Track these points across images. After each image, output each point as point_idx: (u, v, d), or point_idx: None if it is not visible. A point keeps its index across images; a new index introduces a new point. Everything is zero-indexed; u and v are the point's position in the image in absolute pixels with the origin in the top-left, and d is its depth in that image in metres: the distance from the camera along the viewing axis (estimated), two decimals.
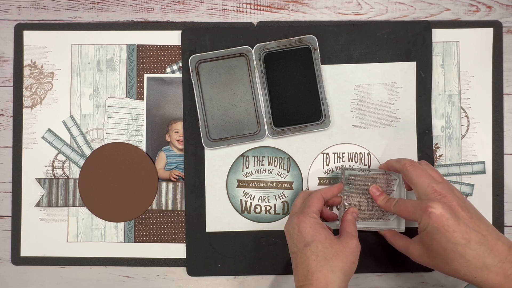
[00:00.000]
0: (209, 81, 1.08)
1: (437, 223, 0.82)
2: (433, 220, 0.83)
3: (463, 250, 0.80)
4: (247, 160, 1.09)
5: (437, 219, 0.82)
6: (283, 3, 1.12)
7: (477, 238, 0.81)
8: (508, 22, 1.11)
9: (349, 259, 0.91)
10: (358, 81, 1.09)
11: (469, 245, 0.80)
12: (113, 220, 1.11)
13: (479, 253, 0.79)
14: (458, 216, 0.83)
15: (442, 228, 0.82)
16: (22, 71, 1.11)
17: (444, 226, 0.82)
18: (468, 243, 0.80)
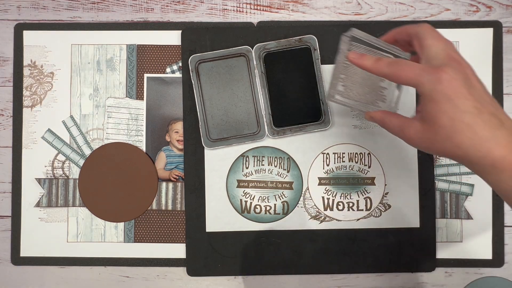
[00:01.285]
0: (209, 81, 1.08)
1: (448, 89, 0.71)
2: (444, 86, 0.71)
3: (473, 120, 0.70)
4: (247, 160, 1.09)
5: (450, 84, 0.71)
6: (283, 3, 1.12)
7: (490, 109, 0.71)
8: (508, 22, 1.11)
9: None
10: None
11: (481, 115, 0.70)
12: (113, 220, 1.11)
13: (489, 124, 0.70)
14: (471, 84, 0.72)
15: (453, 95, 0.70)
16: (22, 71, 1.11)
17: (456, 93, 0.70)
18: (480, 114, 0.70)
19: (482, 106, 0.70)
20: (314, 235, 1.09)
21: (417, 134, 0.78)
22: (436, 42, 0.78)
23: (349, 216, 1.10)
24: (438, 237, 1.10)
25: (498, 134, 0.69)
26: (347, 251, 1.08)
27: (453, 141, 0.72)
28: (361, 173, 1.09)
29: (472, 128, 0.69)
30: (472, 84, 0.72)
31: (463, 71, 0.73)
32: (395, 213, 1.09)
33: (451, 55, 0.75)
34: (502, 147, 0.69)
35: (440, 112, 0.72)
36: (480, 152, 0.70)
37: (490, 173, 0.71)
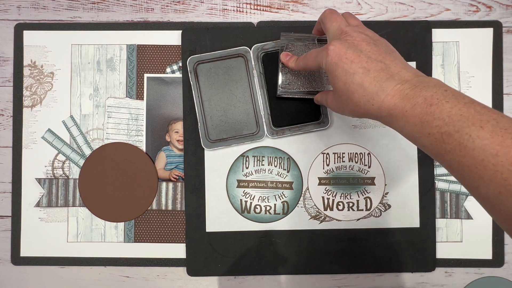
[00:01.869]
0: (208, 82, 1.08)
1: (335, 58, 0.80)
2: (331, 56, 0.80)
3: (361, 79, 0.77)
4: (247, 160, 1.09)
5: (335, 53, 0.80)
6: (283, 3, 1.12)
7: (378, 66, 0.77)
8: (508, 22, 1.11)
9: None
10: None
11: (368, 73, 0.77)
12: (113, 220, 1.11)
13: (377, 79, 0.76)
14: (359, 49, 0.80)
15: (340, 62, 0.79)
16: (22, 71, 1.11)
17: (342, 59, 0.79)
18: (367, 72, 0.77)
19: (370, 66, 0.78)
20: (314, 235, 1.09)
21: (332, 102, 0.89)
22: (332, 23, 0.87)
23: (349, 216, 1.10)
24: (438, 237, 1.10)
25: (386, 85, 0.75)
26: (347, 251, 1.08)
27: (353, 101, 0.80)
28: (361, 173, 1.09)
29: (362, 85, 0.77)
30: (359, 49, 0.80)
31: (351, 40, 0.81)
32: (395, 213, 1.09)
33: (343, 29, 0.84)
34: (391, 97, 0.74)
35: (335, 79, 0.81)
36: (374, 106, 0.76)
37: (391, 122, 0.76)
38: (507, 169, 0.59)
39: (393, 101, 0.74)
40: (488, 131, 0.62)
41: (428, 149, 0.71)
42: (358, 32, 0.82)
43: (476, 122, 0.64)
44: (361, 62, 0.78)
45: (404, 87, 0.74)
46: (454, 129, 0.65)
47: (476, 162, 0.63)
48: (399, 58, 0.80)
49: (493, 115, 0.64)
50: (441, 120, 0.67)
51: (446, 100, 0.68)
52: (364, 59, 0.78)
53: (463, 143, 0.64)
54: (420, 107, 0.70)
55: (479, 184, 0.64)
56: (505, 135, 0.61)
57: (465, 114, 0.65)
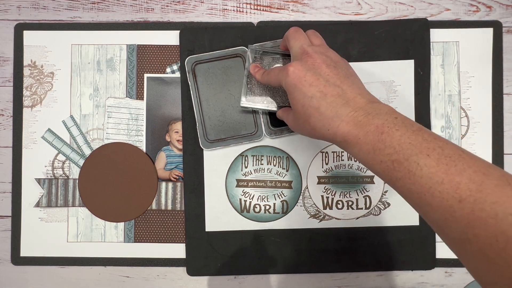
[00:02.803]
0: (206, 82, 1.08)
1: (294, 80, 0.81)
2: (290, 78, 0.81)
3: (318, 103, 0.78)
4: (246, 159, 1.09)
5: (295, 75, 0.81)
6: (283, 3, 1.12)
7: (335, 91, 0.78)
8: (508, 22, 1.11)
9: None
10: None
11: (325, 98, 0.78)
12: (113, 220, 1.11)
13: (333, 104, 0.77)
14: (318, 72, 0.80)
15: (299, 84, 0.80)
16: (22, 71, 1.11)
17: (301, 81, 0.80)
18: (324, 96, 0.78)
19: (327, 90, 0.79)
20: (313, 234, 1.09)
21: (292, 122, 0.90)
22: (295, 42, 0.88)
23: (348, 214, 1.10)
24: (438, 237, 1.09)
25: (341, 112, 0.77)
26: (347, 249, 1.08)
27: (310, 124, 0.81)
28: (360, 172, 1.09)
29: (319, 110, 0.78)
30: (318, 72, 0.80)
31: (311, 62, 0.82)
32: (395, 211, 1.09)
33: (305, 50, 0.84)
34: (345, 123, 0.75)
35: (294, 100, 0.82)
36: (330, 131, 0.77)
37: (346, 147, 0.78)
38: (452, 196, 0.62)
39: (347, 128, 0.75)
40: (434, 159, 0.65)
41: (381, 176, 0.73)
42: (319, 53, 0.84)
43: (423, 150, 0.67)
44: (319, 86, 0.79)
45: (357, 114, 0.76)
46: (404, 157, 0.68)
47: (424, 190, 0.65)
48: (356, 83, 0.82)
49: (439, 142, 0.67)
50: (391, 148, 0.70)
51: (396, 128, 0.71)
52: (322, 82, 0.79)
53: (412, 171, 0.66)
54: (372, 135, 0.72)
55: (428, 210, 0.66)
56: (449, 163, 0.64)
57: (414, 142, 0.68)
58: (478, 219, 0.59)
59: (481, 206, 0.59)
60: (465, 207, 0.60)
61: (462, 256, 0.65)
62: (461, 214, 0.61)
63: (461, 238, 0.62)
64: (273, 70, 0.90)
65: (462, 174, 0.62)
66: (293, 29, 0.90)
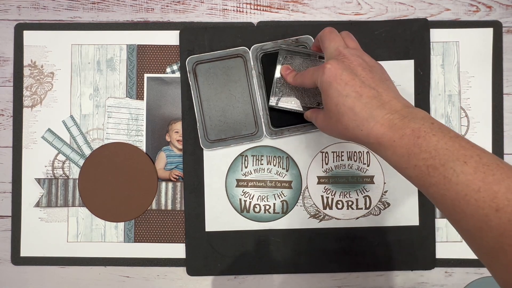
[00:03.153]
0: (207, 82, 1.08)
1: (330, 78, 0.81)
2: (326, 75, 0.81)
3: (353, 103, 0.78)
4: (246, 159, 1.09)
5: (331, 73, 0.81)
6: (283, 3, 1.12)
7: (371, 93, 0.79)
8: (508, 22, 1.11)
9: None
10: None
11: (360, 99, 0.78)
12: (113, 220, 1.11)
13: (368, 106, 0.77)
14: (355, 73, 0.81)
15: (334, 82, 0.80)
16: (22, 71, 1.11)
17: (337, 79, 0.80)
18: (360, 97, 0.78)
19: (363, 91, 0.78)
20: (313, 234, 1.09)
21: (322, 122, 0.90)
22: (330, 43, 0.88)
23: (348, 214, 1.10)
24: (438, 237, 1.10)
25: (376, 113, 0.76)
26: (347, 249, 1.08)
27: (342, 124, 0.81)
28: (360, 172, 1.09)
29: (353, 110, 0.78)
30: (355, 72, 0.80)
31: (347, 62, 0.82)
32: (395, 211, 1.09)
33: (341, 51, 0.84)
34: (380, 125, 0.75)
35: (328, 99, 0.82)
36: (363, 132, 0.77)
37: (378, 150, 0.78)
38: (488, 205, 0.61)
39: (382, 129, 0.75)
40: (471, 167, 0.65)
41: (414, 180, 0.73)
42: (355, 56, 0.84)
43: (460, 157, 0.66)
44: (354, 86, 0.79)
45: (393, 117, 0.75)
46: (440, 163, 0.67)
47: (459, 197, 0.64)
48: (391, 87, 0.82)
49: (477, 150, 0.67)
50: (427, 153, 0.69)
51: (433, 133, 0.70)
52: (358, 83, 0.79)
53: (447, 177, 0.66)
54: (407, 139, 0.72)
55: (461, 217, 0.65)
56: (487, 171, 0.63)
57: (451, 148, 0.68)
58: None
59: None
60: (502, 216, 0.60)
61: (493, 267, 0.64)
62: (498, 223, 0.60)
63: (495, 248, 0.61)
64: (307, 70, 0.91)
65: (501, 183, 0.62)
66: (328, 30, 0.90)
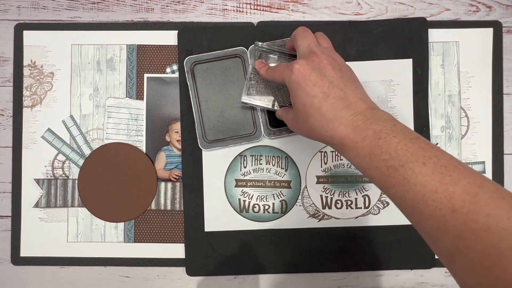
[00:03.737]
0: (205, 83, 1.08)
1: (298, 78, 0.81)
2: (295, 75, 0.82)
3: (319, 103, 0.79)
4: (245, 159, 1.09)
5: (299, 73, 0.81)
6: (283, 3, 1.12)
7: (338, 94, 0.79)
8: (508, 22, 1.11)
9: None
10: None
11: (327, 99, 0.79)
12: (113, 220, 1.11)
13: (334, 106, 0.78)
14: (323, 73, 0.81)
15: (302, 82, 0.81)
16: (22, 71, 1.12)
17: (305, 80, 0.81)
18: (327, 97, 0.79)
19: (330, 91, 0.79)
20: (313, 234, 1.09)
21: (291, 121, 0.91)
22: (303, 41, 0.88)
23: (347, 214, 1.10)
24: None
25: (341, 114, 0.78)
26: (346, 249, 1.08)
27: (308, 124, 0.82)
28: (359, 171, 1.09)
29: (319, 111, 0.79)
30: (323, 73, 0.81)
31: (317, 62, 0.82)
32: (394, 210, 1.09)
33: (312, 49, 0.85)
34: (344, 126, 0.76)
35: (295, 98, 0.83)
36: (328, 132, 0.78)
37: (342, 151, 0.79)
38: (445, 206, 0.62)
39: (345, 131, 0.76)
40: (429, 168, 0.66)
41: (376, 182, 0.74)
42: (326, 54, 0.84)
43: (419, 158, 0.67)
44: (322, 87, 0.80)
45: (357, 118, 0.76)
46: (399, 164, 0.68)
47: (418, 198, 0.65)
48: (359, 88, 0.82)
49: (436, 152, 0.68)
50: (388, 154, 0.70)
51: (394, 134, 0.72)
52: (326, 83, 0.80)
53: (406, 178, 0.67)
54: (369, 140, 0.73)
55: (420, 219, 0.66)
56: (445, 172, 0.64)
57: (410, 149, 0.69)
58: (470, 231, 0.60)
59: (474, 218, 0.59)
60: (458, 217, 0.61)
61: (452, 268, 0.65)
62: (454, 224, 0.61)
63: (452, 250, 0.62)
64: (278, 66, 0.91)
65: (457, 184, 0.63)
66: (301, 29, 0.91)
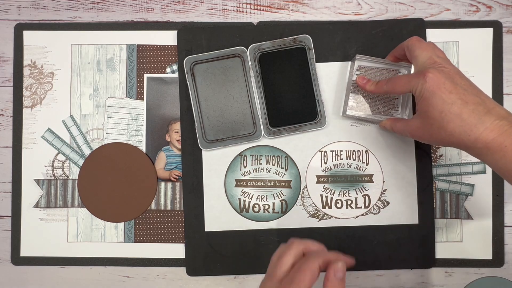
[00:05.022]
0: (205, 82, 1.08)
1: (433, 86, 0.83)
2: (429, 84, 0.84)
3: (459, 110, 0.81)
4: (245, 159, 1.10)
5: (434, 82, 0.83)
6: (283, 3, 1.12)
7: (475, 100, 0.82)
8: (508, 22, 1.11)
9: None
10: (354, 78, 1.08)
11: (467, 105, 0.81)
12: (113, 220, 1.11)
13: (475, 112, 0.81)
14: (455, 81, 0.84)
15: (438, 90, 0.83)
16: (22, 71, 1.12)
17: (440, 88, 0.83)
18: (466, 104, 0.81)
19: (468, 98, 0.82)
20: (313, 233, 1.09)
21: (418, 130, 0.91)
22: (422, 52, 0.90)
23: (347, 213, 1.10)
24: (438, 237, 1.10)
25: (485, 119, 0.80)
26: (346, 248, 1.08)
27: (447, 131, 0.83)
28: (359, 171, 1.09)
29: (460, 116, 0.81)
30: (455, 81, 0.84)
31: (446, 71, 0.85)
32: (394, 209, 1.09)
33: (435, 60, 0.88)
34: (490, 130, 0.78)
35: (430, 107, 0.85)
36: (471, 137, 0.80)
37: (485, 154, 0.80)
38: None
39: (491, 135, 0.79)
40: None
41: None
42: (449, 64, 0.88)
43: None
44: (459, 94, 0.82)
45: (503, 123, 0.79)
46: None
47: None
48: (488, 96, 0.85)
49: None
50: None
51: None
52: (461, 91, 0.83)
53: None
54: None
55: None
56: None
57: None
58: None
59: None
60: None
61: None
62: None
63: None
64: (398, 78, 0.93)
65: None
66: (416, 38, 0.93)
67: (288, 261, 0.81)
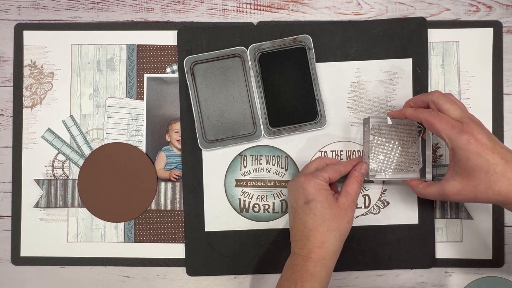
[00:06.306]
0: (205, 82, 1.08)
1: (478, 148, 0.85)
2: (473, 146, 0.85)
3: (504, 169, 0.84)
4: (245, 159, 1.10)
5: (478, 144, 0.85)
6: (283, 3, 1.12)
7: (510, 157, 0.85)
8: (508, 22, 1.11)
9: (344, 220, 0.96)
10: (354, 79, 1.09)
11: (509, 164, 0.84)
12: (113, 220, 1.11)
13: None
14: (492, 139, 0.86)
15: (483, 152, 0.84)
16: (22, 71, 1.12)
17: (484, 150, 0.84)
18: (508, 163, 0.84)
19: (507, 156, 0.85)
20: None
21: (460, 193, 0.91)
22: (453, 106, 0.90)
23: None
24: (438, 237, 1.10)
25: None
26: (346, 248, 1.06)
27: (494, 190, 0.86)
28: None
29: (506, 176, 0.84)
30: (492, 138, 0.87)
31: (483, 128, 0.88)
32: (394, 210, 1.09)
33: (468, 115, 0.90)
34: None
35: (475, 168, 0.86)
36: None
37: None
38: None
39: None
40: None
41: None
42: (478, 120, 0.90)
43: None
44: (500, 153, 0.85)
45: None
46: None
47: None
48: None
49: None
50: None
51: None
52: (500, 149, 0.86)
53: None
54: None
55: None
56: None
57: None
58: None
59: None
60: None
61: None
62: None
63: None
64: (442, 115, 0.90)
65: None
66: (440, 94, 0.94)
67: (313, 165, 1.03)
